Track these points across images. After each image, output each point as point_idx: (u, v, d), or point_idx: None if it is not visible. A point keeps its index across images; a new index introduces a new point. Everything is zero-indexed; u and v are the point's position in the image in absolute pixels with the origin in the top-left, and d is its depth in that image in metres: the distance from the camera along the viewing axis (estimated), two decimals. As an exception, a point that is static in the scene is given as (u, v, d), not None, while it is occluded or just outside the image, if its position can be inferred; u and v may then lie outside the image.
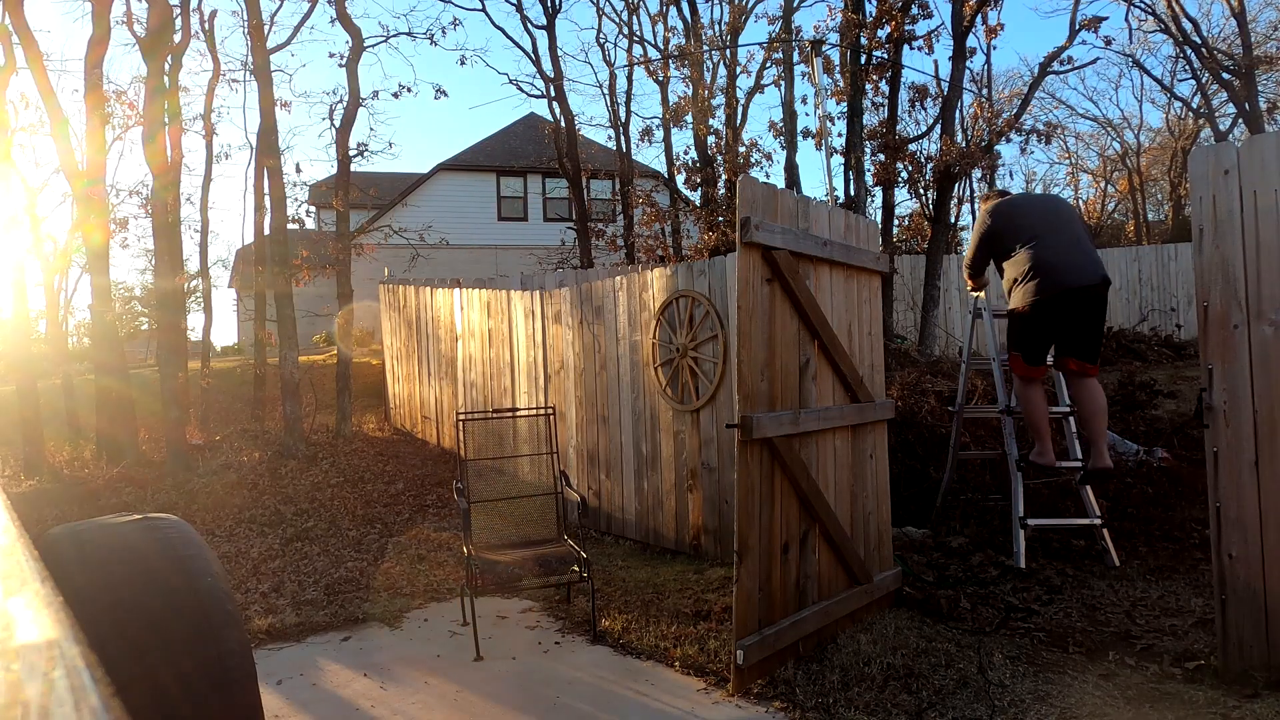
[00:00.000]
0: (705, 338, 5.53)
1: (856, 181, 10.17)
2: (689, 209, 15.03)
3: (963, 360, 6.01)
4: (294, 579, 5.60)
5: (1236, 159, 3.30)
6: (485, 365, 8.59)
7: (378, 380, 13.22)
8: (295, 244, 11.78)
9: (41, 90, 9.83)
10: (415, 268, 13.80)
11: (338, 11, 11.72)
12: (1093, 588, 4.57)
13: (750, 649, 3.47)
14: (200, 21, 13.37)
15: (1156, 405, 7.44)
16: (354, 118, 11.52)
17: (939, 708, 3.28)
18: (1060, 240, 4.87)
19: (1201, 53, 16.36)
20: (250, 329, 14.82)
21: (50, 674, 0.53)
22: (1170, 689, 3.33)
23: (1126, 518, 5.40)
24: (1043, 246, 4.85)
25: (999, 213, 5.11)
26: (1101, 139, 27.45)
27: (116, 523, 1.94)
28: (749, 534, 3.54)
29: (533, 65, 19.94)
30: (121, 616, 1.63)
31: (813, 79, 11.00)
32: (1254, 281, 3.26)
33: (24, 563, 0.85)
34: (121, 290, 34.44)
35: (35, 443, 9.15)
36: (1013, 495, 5.07)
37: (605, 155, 20.02)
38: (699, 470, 5.64)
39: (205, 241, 17.89)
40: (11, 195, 11.35)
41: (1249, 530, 3.27)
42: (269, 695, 3.67)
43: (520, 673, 3.94)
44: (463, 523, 4.71)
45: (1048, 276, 4.79)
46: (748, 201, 3.64)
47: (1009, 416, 5.31)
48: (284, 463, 8.87)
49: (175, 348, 9.68)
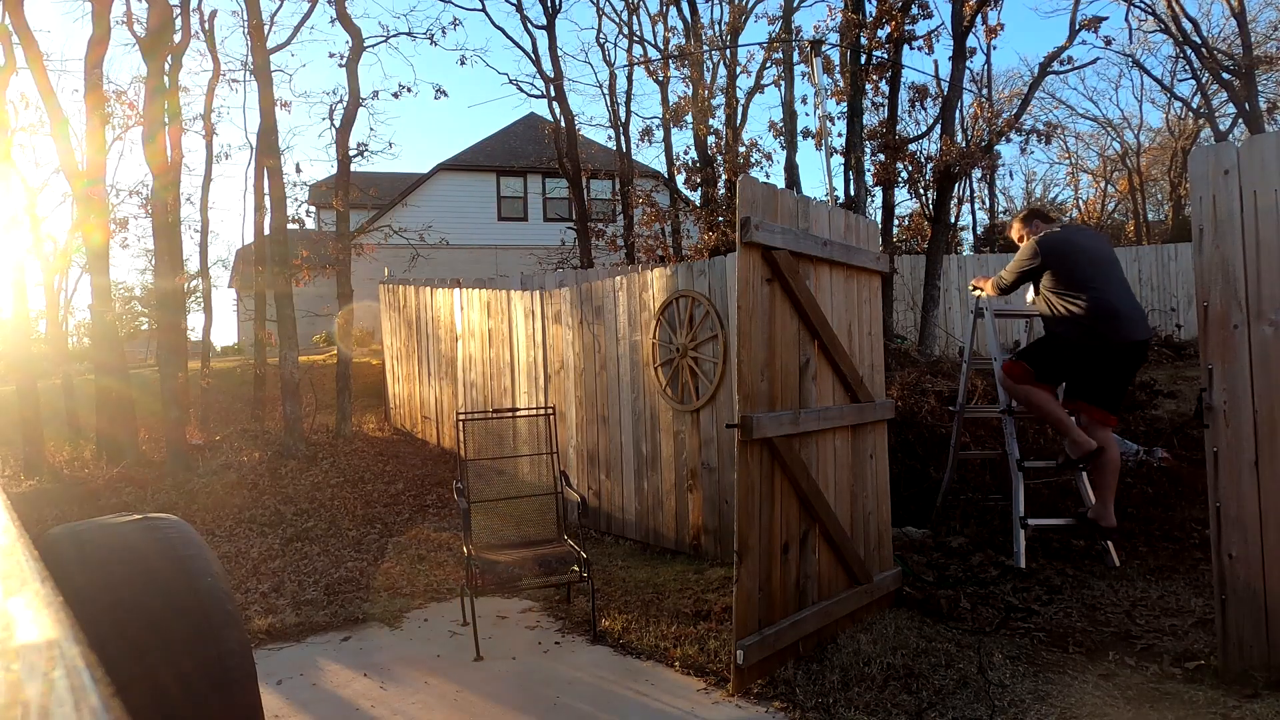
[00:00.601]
0: (705, 338, 5.53)
1: (856, 181, 10.17)
2: (689, 209, 15.03)
3: (963, 360, 6.01)
4: (294, 579, 5.60)
5: (1236, 159, 3.30)
6: (485, 365, 8.59)
7: (378, 380, 13.22)
8: (295, 244, 11.78)
9: (41, 90, 9.83)
10: (415, 268, 13.80)
11: (338, 11, 11.73)
12: (1093, 588, 4.57)
13: (750, 649, 3.47)
14: (200, 21, 13.38)
15: (1156, 405, 7.44)
16: (354, 118, 11.52)
17: (939, 708, 3.28)
18: (1118, 288, 4.83)
19: (1201, 53, 16.36)
20: (250, 329, 14.82)
21: (50, 674, 0.53)
22: (1170, 689, 3.33)
23: (1126, 518, 5.40)
24: (1104, 291, 4.77)
25: (1050, 250, 4.91)
26: (1101, 139, 27.48)
27: (116, 523, 1.94)
28: (749, 534, 3.54)
29: (533, 65, 19.97)
30: (121, 616, 1.63)
31: (813, 79, 11.00)
32: (1254, 281, 3.26)
33: (24, 563, 0.85)
34: (121, 290, 34.47)
35: (35, 443, 9.15)
36: (1013, 495, 5.07)
37: (605, 155, 20.02)
38: (699, 470, 5.64)
39: (205, 241, 17.91)
40: (11, 195, 11.36)
41: (1249, 530, 3.27)
42: (269, 695, 3.67)
43: (520, 673, 3.94)
44: (463, 523, 4.71)
45: (1109, 322, 4.72)
46: (748, 201, 3.64)
47: (1009, 416, 5.31)
48: (284, 463, 8.87)
49: (175, 348, 9.68)
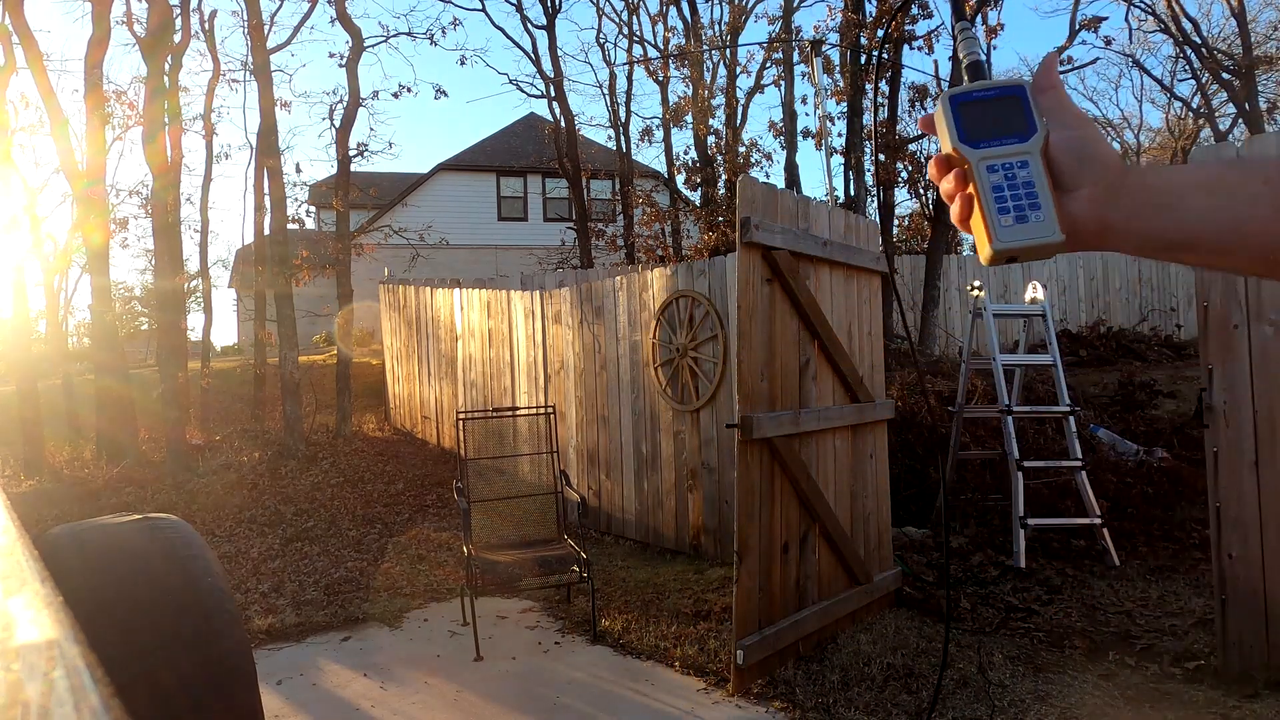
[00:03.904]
0: (705, 338, 5.53)
1: (856, 181, 10.18)
2: (689, 209, 15.04)
3: (963, 360, 6.01)
4: (294, 579, 5.60)
5: (1237, 159, 3.30)
6: (485, 365, 8.59)
7: (378, 380, 13.22)
8: (295, 244, 11.78)
9: (41, 90, 9.84)
10: (415, 268, 13.80)
11: (338, 11, 11.73)
12: (1093, 588, 4.57)
13: (750, 649, 3.47)
14: (200, 21, 13.38)
15: (1156, 405, 7.44)
16: (354, 118, 11.53)
17: (939, 707, 3.28)
18: None
19: (1201, 53, 16.36)
20: (250, 329, 14.81)
21: (50, 674, 0.53)
22: (1170, 689, 3.34)
23: (1126, 518, 5.41)
24: None
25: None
26: (1101, 139, 27.41)
27: (116, 523, 1.94)
28: (749, 534, 3.54)
29: (533, 65, 19.96)
30: (121, 617, 1.63)
31: (813, 79, 11.01)
32: (1254, 281, 3.26)
33: (24, 563, 0.85)
34: (121, 290, 34.44)
35: (35, 443, 9.15)
36: (1013, 495, 5.07)
37: (605, 155, 20.02)
38: (699, 470, 5.64)
39: (205, 241, 17.90)
40: (11, 195, 11.36)
41: (1249, 530, 3.27)
42: (269, 695, 3.67)
43: (520, 673, 3.94)
44: (463, 523, 4.71)
45: None
46: (748, 201, 3.64)
47: (1009, 416, 5.31)
48: (284, 463, 8.87)
49: (175, 348, 9.68)
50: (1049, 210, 0.66)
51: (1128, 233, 0.67)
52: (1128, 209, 0.67)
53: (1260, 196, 0.65)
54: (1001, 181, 0.68)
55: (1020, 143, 0.69)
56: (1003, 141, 0.69)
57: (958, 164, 0.71)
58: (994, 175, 0.68)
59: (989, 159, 0.69)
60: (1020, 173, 0.68)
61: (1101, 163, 0.68)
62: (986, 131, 0.70)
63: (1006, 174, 0.68)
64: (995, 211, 0.67)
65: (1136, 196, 0.67)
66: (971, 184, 0.69)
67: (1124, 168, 0.68)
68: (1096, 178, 0.67)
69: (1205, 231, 0.66)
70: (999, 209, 0.67)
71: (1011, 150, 0.69)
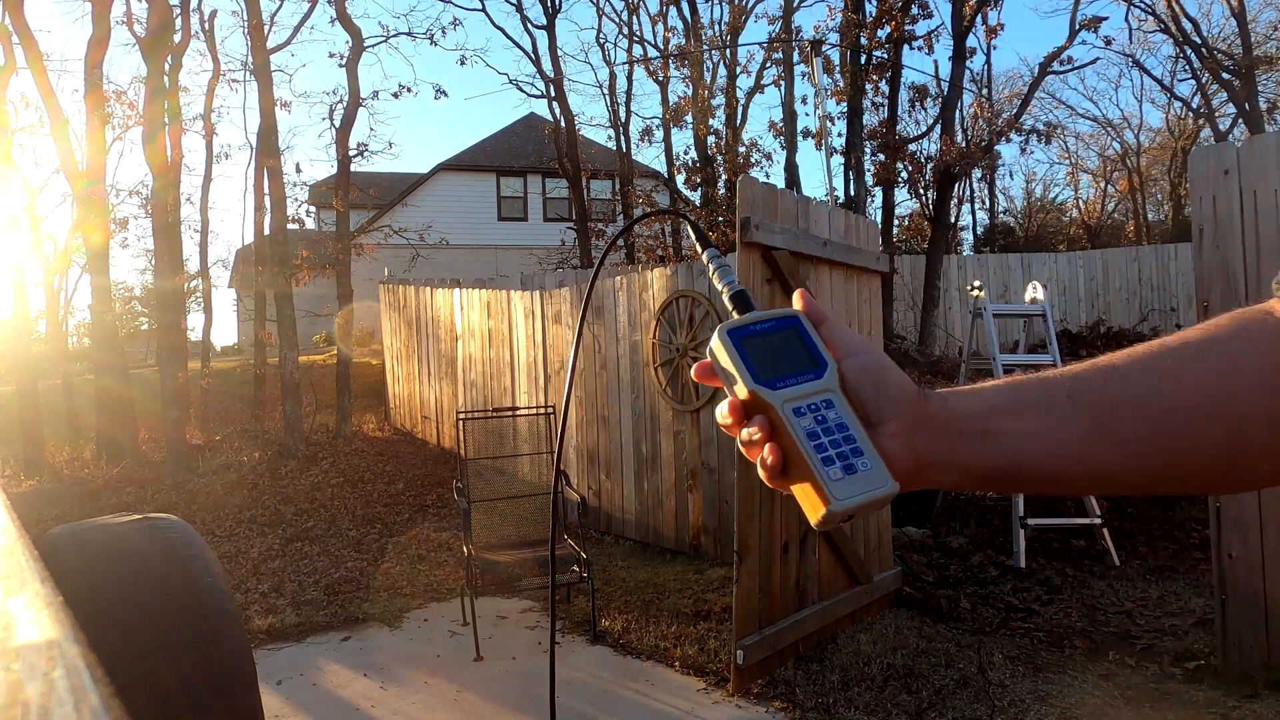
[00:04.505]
0: (705, 338, 5.53)
1: (856, 181, 10.18)
2: (689, 209, 15.03)
3: (963, 360, 6.01)
4: (294, 579, 5.60)
5: (1236, 159, 3.30)
6: (485, 365, 8.59)
7: (378, 380, 13.22)
8: (295, 244, 11.78)
9: (41, 90, 9.84)
10: (415, 268, 13.80)
11: (338, 11, 11.73)
12: (1093, 588, 4.57)
13: (750, 649, 3.47)
14: (200, 21, 13.39)
15: (1156, 405, 7.44)
16: (354, 118, 11.53)
17: (939, 708, 3.29)
18: None
19: (1201, 53, 16.37)
20: (250, 329, 14.81)
21: (50, 674, 0.53)
22: (1170, 689, 3.34)
23: (1126, 518, 5.41)
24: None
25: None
26: (1101, 139, 27.47)
27: (116, 523, 1.94)
28: (749, 534, 3.54)
29: (533, 65, 19.97)
30: (121, 616, 1.63)
31: (813, 79, 11.00)
32: (1254, 282, 3.26)
33: (24, 563, 0.85)
34: (121, 290, 34.40)
35: (35, 443, 9.16)
36: (1012, 495, 5.07)
37: (605, 155, 20.02)
38: (699, 470, 5.64)
39: (205, 241, 17.91)
40: (11, 195, 11.37)
41: (1249, 530, 3.27)
42: (269, 695, 3.67)
43: (520, 673, 3.94)
44: (463, 523, 4.71)
45: None
46: (748, 201, 3.64)
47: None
48: (284, 463, 8.87)
49: (175, 348, 9.68)
50: (873, 455, 0.57)
51: (946, 468, 0.59)
52: (939, 442, 0.58)
53: (1069, 420, 0.56)
54: (814, 426, 0.57)
55: (816, 379, 0.59)
56: (799, 379, 0.59)
57: (759, 409, 0.59)
58: (803, 419, 0.58)
59: (793, 401, 0.58)
60: (829, 414, 0.58)
61: (899, 389, 0.59)
62: (778, 369, 0.60)
63: (816, 417, 0.58)
64: (820, 465, 0.56)
65: (943, 426, 0.58)
66: (781, 433, 0.58)
67: (921, 395, 0.59)
68: (899, 410, 0.58)
69: (1025, 461, 0.57)
70: (823, 461, 0.56)
71: (813, 389, 0.59)
